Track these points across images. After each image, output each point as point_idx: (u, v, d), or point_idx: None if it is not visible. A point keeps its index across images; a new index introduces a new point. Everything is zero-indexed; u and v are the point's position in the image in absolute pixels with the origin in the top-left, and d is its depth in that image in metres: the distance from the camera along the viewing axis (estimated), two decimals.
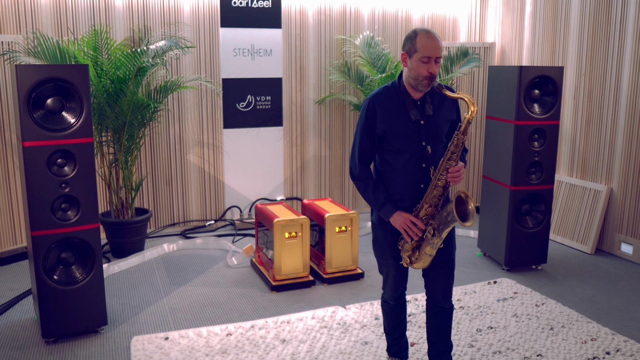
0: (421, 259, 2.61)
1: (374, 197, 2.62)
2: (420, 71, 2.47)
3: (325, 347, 3.32)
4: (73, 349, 3.32)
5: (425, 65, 2.46)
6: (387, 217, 2.61)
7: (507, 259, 4.48)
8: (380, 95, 2.60)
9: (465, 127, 2.46)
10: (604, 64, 4.92)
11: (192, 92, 5.49)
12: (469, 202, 2.49)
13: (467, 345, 3.34)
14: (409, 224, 2.55)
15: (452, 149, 2.48)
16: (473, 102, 2.44)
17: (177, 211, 5.64)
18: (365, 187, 2.65)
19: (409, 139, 2.56)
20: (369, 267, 4.59)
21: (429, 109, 2.57)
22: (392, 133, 2.56)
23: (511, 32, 5.97)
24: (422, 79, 2.48)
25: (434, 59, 2.45)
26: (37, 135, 3.14)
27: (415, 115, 2.55)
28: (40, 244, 3.22)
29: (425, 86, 2.50)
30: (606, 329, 3.52)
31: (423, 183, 2.59)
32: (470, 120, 2.44)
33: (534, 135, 4.38)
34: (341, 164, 6.16)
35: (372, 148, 2.64)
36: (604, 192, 4.92)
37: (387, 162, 2.64)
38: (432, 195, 2.54)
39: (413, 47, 2.47)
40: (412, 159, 2.58)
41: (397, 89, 2.60)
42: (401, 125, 2.56)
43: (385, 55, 5.66)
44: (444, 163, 2.50)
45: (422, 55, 2.44)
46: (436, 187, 2.52)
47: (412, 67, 2.49)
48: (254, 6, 5.51)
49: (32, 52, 4.34)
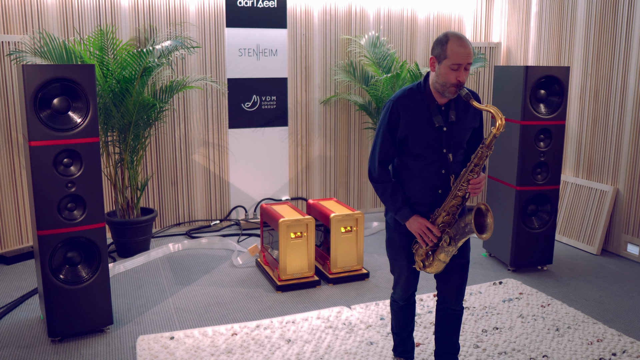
0: (434, 264, 2.59)
1: (391, 200, 2.58)
2: (449, 78, 2.39)
3: (331, 347, 3.32)
4: (79, 348, 3.33)
5: (454, 72, 2.38)
6: (403, 220, 2.58)
7: (512, 260, 4.47)
8: (404, 97, 2.53)
9: (491, 140, 2.38)
10: (611, 63, 4.91)
11: (198, 92, 5.49)
12: (488, 215, 2.46)
13: (472, 345, 3.33)
14: (425, 229, 2.52)
15: (476, 161, 2.43)
16: (501, 116, 2.36)
17: (182, 211, 5.65)
18: (384, 190, 2.60)
19: (430, 145, 2.51)
20: (374, 267, 4.59)
21: (452, 116, 2.51)
22: (414, 138, 2.51)
23: (517, 31, 5.96)
24: (450, 86, 2.41)
25: (463, 66, 2.38)
26: (43, 134, 3.15)
27: (439, 121, 2.49)
28: (46, 243, 3.23)
29: (452, 93, 2.43)
30: (612, 330, 3.50)
31: (441, 189, 2.56)
32: (497, 135, 2.36)
33: (539, 135, 4.37)
34: (346, 164, 6.16)
35: (393, 151, 2.59)
36: (610, 192, 4.90)
37: (406, 166, 2.60)
38: (450, 204, 2.50)
39: (443, 53, 2.39)
40: (432, 164, 2.54)
41: (422, 93, 2.53)
42: (424, 131, 2.51)
43: (391, 55, 5.65)
44: (466, 174, 2.45)
45: (452, 63, 2.36)
46: (455, 197, 2.49)
47: (441, 73, 2.41)
48: (259, 6, 5.51)
49: (38, 52, 4.35)
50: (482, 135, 2.66)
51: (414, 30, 6.16)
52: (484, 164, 2.46)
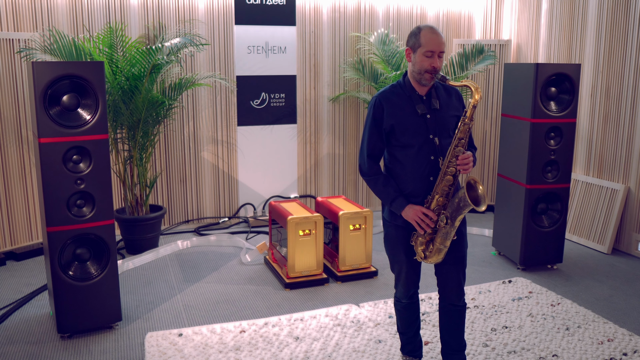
0: (435, 251, 2.61)
1: (384, 192, 2.64)
2: (424, 65, 2.52)
3: (339, 345, 3.31)
4: (88, 344, 3.34)
5: (428, 59, 2.51)
6: (398, 211, 2.61)
7: (522, 258, 4.44)
8: (386, 92, 2.66)
9: (471, 112, 2.49)
10: (622, 61, 4.86)
11: (207, 89, 5.50)
12: (478, 187, 2.52)
13: (481, 344, 3.32)
14: (421, 215, 2.55)
15: (460, 134, 2.51)
16: (477, 87, 2.50)
17: (191, 208, 5.65)
18: (375, 183, 2.67)
19: (417, 132, 2.58)
20: (383, 265, 4.57)
21: (435, 103, 2.61)
22: (400, 128, 2.59)
23: (527, 29, 5.91)
24: (424, 72, 2.53)
25: (437, 54, 2.51)
26: (53, 131, 3.16)
27: (422, 109, 2.59)
28: (55, 239, 3.24)
29: (428, 80, 2.55)
30: (623, 330, 3.47)
31: (432, 176, 2.60)
32: (475, 105, 2.47)
33: (550, 133, 4.34)
34: (355, 162, 6.15)
35: (381, 144, 2.66)
36: (621, 191, 4.86)
37: (396, 159, 2.65)
38: (442, 184, 2.55)
39: (417, 42, 2.53)
40: (420, 152, 2.59)
41: (403, 86, 2.65)
42: (408, 120, 2.59)
43: (400, 52, 5.62)
44: (452, 150, 2.52)
45: (426, 50, 2.50)
46: (446, 175, 2.54)
47: (416, 61, 2.55)
48: (268, 3, 5.50)
49: (48, 49, 4.37)
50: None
51: None
52: (468, 139, 2.54)
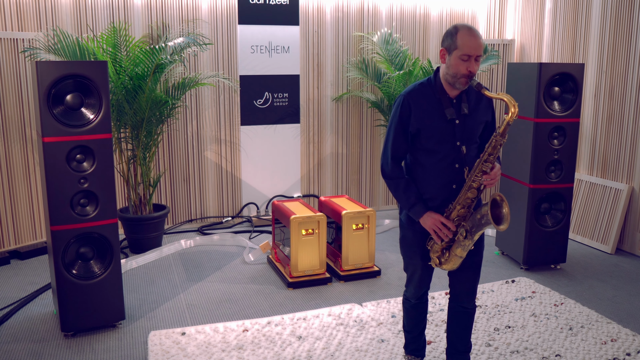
0: (451, 260, 2.56)
1: (405, 197, 2.56)
2: (460, 69, 2.39)
3: (342, 344, 3.31)
4: (91, 342, 3.35)
5: (465, 63, 2.38)
6: (417, 217, 2.55)
7: (525, 258, 4.44)
8: (415, 91, 2.53)
9: (504, 129, 2.38)
10: (626, 60, 4.85)
11: (210, 89, 5.50)
12: (503, 206, 2.43)
13: (484, 344, 3.31)
14: (440, 225, 2.49)
15: (490, 150, 2.41)
16: (514, 103, 2.36)
17: (194, 207, 5.66)
18: (397, 186, 2.58)
19: (443, 139, 2.49)
20: (386, 264, 4.57)
21: (464, 108, 2.50)
22: (426, 133, 2.50)
23: (531, 28, 5.90)
24: (461, 76, 2.41)
25: (474, 57, 2.38)
26: (56, 131, 3.17)
27: (451, 114, 2.48)
28: (59, 238, 3.25)
29: (463, 84, 2.43)
30: (627, 330, 3.46)
31: (455, 184, 2.53)
32: (510, 122, 2.36)
33: (553, 133, 4.33)
34: (358, 161, 6.14)
35: (405, 146, 2.57)
36: (625, 191, 4.85)
37: (419, 162, 2.57)
38: (465, 196, 2.48)
39: (453, 44, 2.40)
40: (445, 159, 2.51)
41: (433, 86, 2.52)
42: (436, 125, 2.49)
43: (403, 52, 5.63)
44: (480, 165, 2.43)
45: (462, 53, 2.37)
46: (470, 188, 2.46)
47: (451, 64, 2.42)
48: (271, 3, 5.51)
49: (52, 49, 4.38)
50: (495, 129, 2.63)
51: (426, 27, 6.13)
52: (498, 154, 2.44)
